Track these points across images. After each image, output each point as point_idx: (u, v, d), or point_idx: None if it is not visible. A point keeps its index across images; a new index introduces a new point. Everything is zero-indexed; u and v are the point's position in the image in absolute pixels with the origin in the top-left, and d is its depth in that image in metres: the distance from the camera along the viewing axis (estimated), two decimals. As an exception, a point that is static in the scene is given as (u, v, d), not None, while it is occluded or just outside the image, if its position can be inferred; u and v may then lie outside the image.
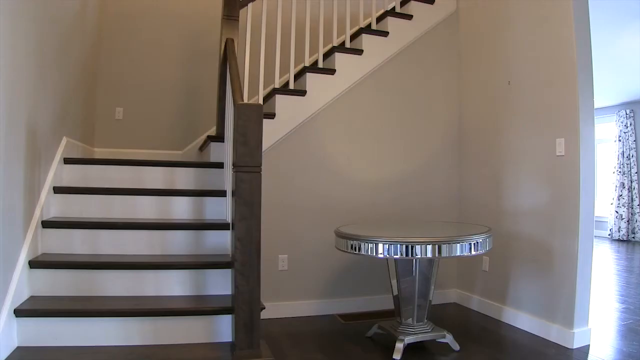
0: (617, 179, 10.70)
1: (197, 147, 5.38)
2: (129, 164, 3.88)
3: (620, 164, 10.63)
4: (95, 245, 3.26)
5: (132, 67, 5.30)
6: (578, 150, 3.68)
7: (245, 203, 2.69)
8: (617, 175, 10.68)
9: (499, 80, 4.59)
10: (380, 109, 4.86)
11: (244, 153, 2.70)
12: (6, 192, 2.61)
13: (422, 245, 3.11)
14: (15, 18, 2.67)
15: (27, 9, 2.87)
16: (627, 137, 10.53)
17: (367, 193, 4.77)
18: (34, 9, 2.99)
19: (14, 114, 2.70)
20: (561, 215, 3.82)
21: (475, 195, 4.86)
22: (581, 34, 3.78)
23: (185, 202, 3.70)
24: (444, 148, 5.11)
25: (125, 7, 5.32)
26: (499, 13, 4.63)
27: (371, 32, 4.83)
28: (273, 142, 4.40)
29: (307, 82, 4.54)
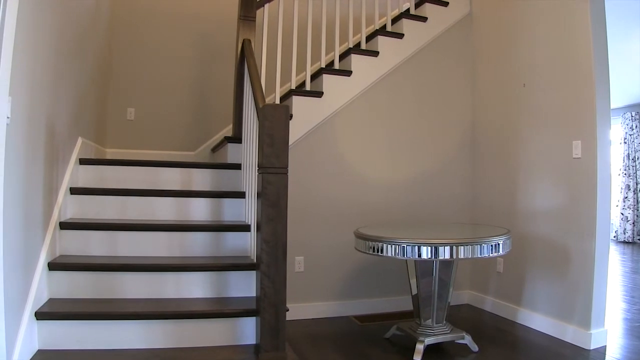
0: (622, 181, 10.68)
1: (209, 147, 5.36)
2: (145, 164, 3.85)
3: (625, 166, 10.61)
4: (113, 246, 3.23)
5: (144, 67, 5.28)
6: (595, 152, 3.67)
7: (272, 205, 2.66)
8: (623, 177, 10.66)
9: (514, 82, 4.57)
10: (395, 110, 4.84)
11: (271, 154, 2.68)
12: (27, 193, 2.59)
13: (444, 246, 3.09)
14: (37, 19, 2.65)
15: (48, 9, 2.85)
16: (633, 139, 10.51)
17: (382, 194, 4.74)
18: (54, 10, 2.97)
19: (34, 115, 2.68)
20: (578, 217, 3.80)
21: (490, 196, 4.84)
22: (598, 36, 3.77)
23: (203, 203, 3.67)
24: (459, 149, 5.09)
25: (137, 7, 5.29)
26: (513, 15, 4.61)
27: (387, 33, 4.82)
28: (289, 143, 4.36)
29: (324, 83, 4.52)
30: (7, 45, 2.12)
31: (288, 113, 2.75)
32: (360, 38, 4.84)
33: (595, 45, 3.75)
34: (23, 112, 2.46)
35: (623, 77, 8.04)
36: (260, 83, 3.44)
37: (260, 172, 2.73)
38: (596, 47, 3.75)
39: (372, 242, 3.28)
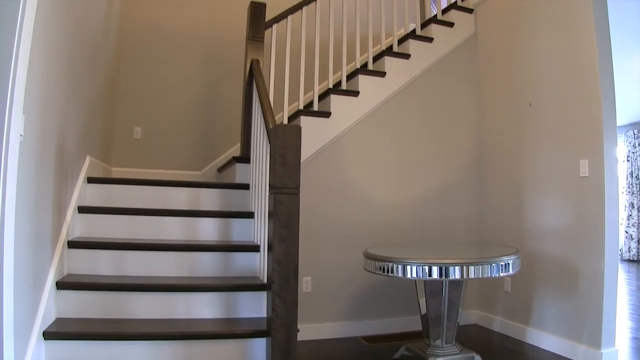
0: (626, 199, 10.66)
1: (215, 167, 5.36)
2: (153, 184, 3.85)
3: (629, 183, 10.60)
4: (121, 266, 3.20)
5: (151, 86, 5.30)
6: (602, 171, 3.67)
7: (284, 225, 2.65)
8: (627, 195, 10.65)
9: (520, 101, 4.59)
10: (402, 130, 4.85)
11: (283, 174, 2.67)
12: (38, 211, 2.58)
13: (454, 266, 3.08)
14: (50, 38, 2.66)
15: (61, 29, 2.86)
16: (636, 157, 10.52)
17: (390, 214, 4.73)
18: (67, 29, 2.98)
19: (46, 133, 2.68)
20: (586, 235, 3.79)
21: (497, 215, 4.83)
22: (603, 54, 3.80)
23: (211, 223, 3.65)
24: (466, 168, 5.09)
25: (145, 27, 5.33)
26: (518, 35, 4.65)
27: (393, 54, 4.85)
28: (297, 163, 4.38)
29: (332, 103, 4.54)
30: (22, 64, 2.12)
31: (300, 133, 2.74)
32: (367, 58, 4.86)
33: (601, 63, 3.78)
34: (35, 129, 2.46)
35: (625, 94, 8.07)
36: (269, 103, 3.45)
37: (271, 193, 2.72)
38: (601, 66, 3.77)
39: (382, 263, 3.26)
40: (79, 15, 3.27)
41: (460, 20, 5.24)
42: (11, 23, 2.08)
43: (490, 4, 5.11)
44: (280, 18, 4.50)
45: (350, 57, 5.61)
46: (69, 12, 3.00)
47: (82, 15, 3.34)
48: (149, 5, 5.40)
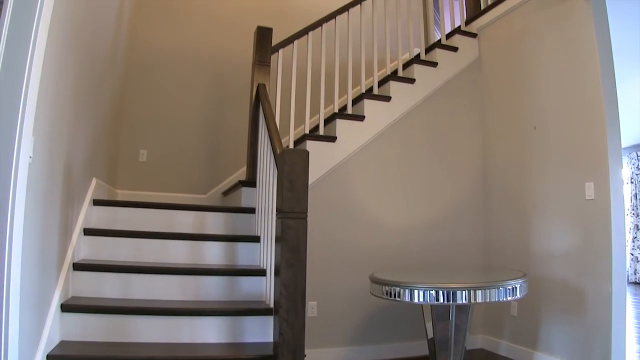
0: (631, 221, 10.60)
1: (220, 191, 5.36)
2: (159, 207, 3.84)
3: (633, 205, 10.55)
4: (126, 289, 3.18)
5: (157, 109, 5.32)
6: (608, 193, 3.66)
7: (292, 249, 2.64)
8: (631, 217, 10.58)
9: (524, 125, 4.61)
10: (408, 154, 4.86)
11: (290, 199, 2.66)
12: (44, 233, 2.57)
13: (461, 291, 3.05)
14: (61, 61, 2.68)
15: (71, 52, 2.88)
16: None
17: (396, 237, 4.71)
18: (77, 52, 3.00)
19: (54, 155, 2.69)
20: (593, 258, 3.77)
21: (502, 238, 4.81)
22: (607, 77, 3.82)
23: (217, 247, 3.64)
24: (471, 192, 5.09)
25: (152, 50, 5.37)
26: (521, 59, 4.69)
27: (398, 79, 4.88)
28: (303, 187, 4.37)
29: (337, 128, 4.55)
30: (33, 87, 2.14)
31: (308, 158, 2.74)
32: (372, 82, 4.89)
33: (604, 86, 3.79)
34: (44, 151, 2.47)
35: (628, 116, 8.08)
36: (276, 128, 3.46)
37: (279, 217, 2.71)
38: (605, 88, 3.79)
39: (389, 287, 3.24)
40: (88, 39, 3.29)
41: (464, 45, 5.28)
42: (24, 48, 2.11)
43: (493, 28, 5.16)
44: (287, 43, 4.54)
45: (356, 82, 5.64)
46: (79, 36, 3.03)
47: (91, 39, 3.36)
48: (156, 29, 5.45)
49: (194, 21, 5.63)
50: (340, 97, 5.43)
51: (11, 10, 2.10)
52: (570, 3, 4.18)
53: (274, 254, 2.96)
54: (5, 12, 2.09)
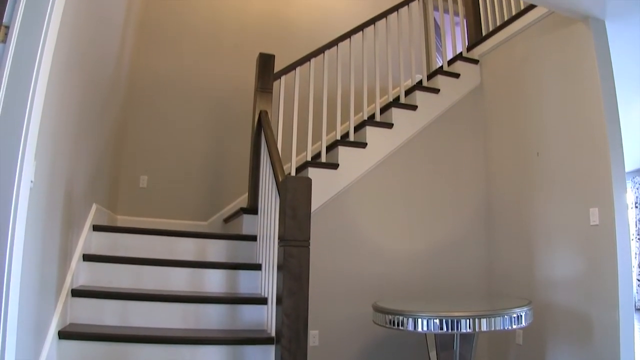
0: (636, 246, 10.49)
1: (222, 218, 5.32)
2: (159, 233, 3.81)
3: (638, 230, 10.46)
4: (125, 316, 3.13)
5: (158, 135, 5.31)
6: (613, 219, 3.65)
7: (294, 278, 2.62)
8: (636, 242, 10.48)
9: (527, 151, 4.62)
10: (410, 181, 4.85)
11: (293, 227, 2.65)
12: (44, 258, 2.54)
13: (465, 319, 3.02)
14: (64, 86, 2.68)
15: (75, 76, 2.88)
16: (645, 202, 10.43)
17: (399, 265, 4.68)
18: (80, 77, 3.01)
19: (55, 180, 2.67)
20: (599, 285, 3.73)
21: (506, 265, 4.77)
22: (608, 101, 3.86)
23: (218, 274, 3.59)
24: (474, 219, 5.07)
25: (154, 76, 5.39)
26: (523, 84, 4.73)
27: (400, 105, 4.90)
28: (305, 215, 4.35)
29: (339, 155, 4.55)
30: (36, 111, 2.14)
31: (310, 185, 2.74)
32: (374, 109, 4.90)
33: (607, 110, 3.82)
34: (45, 176, 2.45)
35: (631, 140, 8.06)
36: (278, 155, 3.45)
37: (281, 245, 2.69)
38: (607, 113, 3.82)
39: (392, 316, 3.21)
40: (92, 65, 3.30)
41: (466, 71, 5.31)
42: (28, 73, 2.10)
43: (494, 54, 5.20)
44: (289, 70, 4.56)
45: (358, 108, 5.66)
46: (82, 62, 3.03)
47: (94, 65, 3.37)
48: (158, 55, 5.47)
49: (196, 48, 5.66)
50: (343, 124, 5.44)
51: (16, 35, 2.11)
52: (570, 28, 4.22)
53: (275, 282, 2.92)
54: (11, 37, 2.10)
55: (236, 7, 5.95)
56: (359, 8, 6.34)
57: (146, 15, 5.47)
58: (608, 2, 3.87)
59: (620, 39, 4.25)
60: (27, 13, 2.15)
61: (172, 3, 5.66)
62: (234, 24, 5.89)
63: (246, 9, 5.99)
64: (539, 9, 4.55)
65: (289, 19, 6.18)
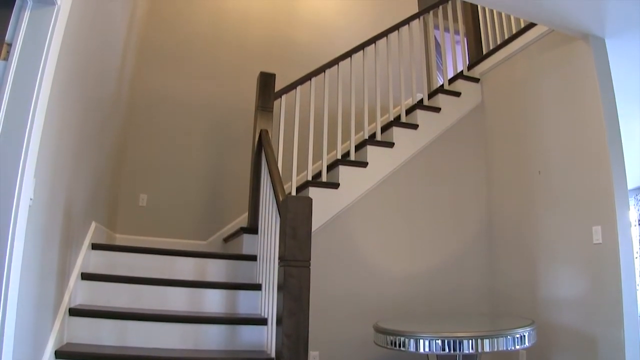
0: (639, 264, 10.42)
1: (221, 237, 5.29)
2: (158, 252, 3.78)
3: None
4: (123, 336, 3.09)
5: (158, 153, 5.30)
6: (616, 237, 3.63)
7: (294, 298, 2.60)
8: (639, 260, 10.41)
9: (528, 169, 4.61)
10: (411, 201, 4.83)
11: (293, 247, 2.65)
12: (42, 277, 2.52)
13: (468, 340, 2.99)
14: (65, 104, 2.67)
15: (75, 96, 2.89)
16: (647, 221, 10.38)
17: (400, 285, 4.64)
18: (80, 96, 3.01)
19: (54, 197, 2.66)
20: (603, 304, 3.70)
21: (509, 285, 4.73)
22: (610, 119, 3.86)
23: (217, 294, 3.55)
24: (476, 238, 5.04)
25: (154, 95, 5.39)
26: (524, 103, 4.74)
27: (401, 124, 4.90)
28: (305, 235, 4.32)
29: (340, 174, 4.53)
30: (36, 129, 2.14)
31: (311, 205, 2.73)
32: (375, 128, 4.90)
33: (608, 126, 3.83)
34: (44, 193, 2.44)
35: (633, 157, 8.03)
36: (279, 174, 3.44)
37: (281, 265, 2.68)
38: (609, 131, 3.83)
39: (393, 337, 3.17)
40: (93, 83, 3.30)
41: (467, 90, 5.33)
42: (29, 90, 2.11)
43: (495, 73, 5.22)
44: (290, 89, 4.56)
45: (359, 127, 5.66)
46: (83, 80, 3.04)
47: (95, 83, 3.37)
48: (158, 74, 5.49)
49: (197, 66, 5.68)
50: (343, 143, 5.44)
51: (18, 52, 2.13)
52: (570, 46, 4.24)
53: (275, 302, 2.90)
54: (13, 55, 2.11)
55: (237, 26, 5.98)
56: (360, 27, 6.37)
57: (147, 34, 5.50)
58: (607, 20, 3.90)
59: (620, 56, 4.27)
60: (29, 31, 2.17)
61: (172, 22, 5.69)
62: (235, 42, 5.91)
63: (247, 28, 6.02)
64: (539, 27, 4.58)
65: (290, 38, 6.21)
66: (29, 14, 2.19)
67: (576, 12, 3.83)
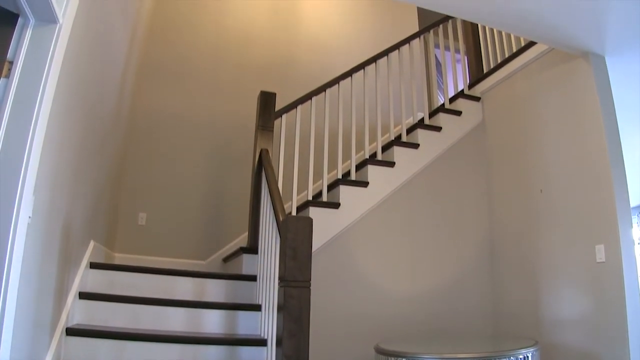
0: (644, 282, 10.33)
1: (221, 257, 5.25)
2: (157, 272, 3.74)
3: (646, 267, 10.31)
4: (121, 357, 3.05)
5: (158, 172, 5.29)
6: (620, 255, 3.60)
7: (294, 319, 2.56)
8: (645, 278, 10.32)
9: (530, 188, 4.59)
10: (413, 220, 4.81)
11: (294, 267, 2.62)
12: (39, 296, 2.49)
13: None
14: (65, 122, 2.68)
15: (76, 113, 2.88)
16: (651, 239, 10.32)
17: (402, 305, 4.59)
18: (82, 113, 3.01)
19: (52, 216, 2.64)
20: (607, 323, 3.65)
21: (512, 304, 4.68)
22: (611, 137, 3.86)
23: (217, 315, 3.52)
24: (478, 257, 5.00)
25: (154, 114, 5.40)
26: (525, 121, 4.74)
27: (402, 144, 4.90)
28: (305, 255, 4.29)
29: (341, 194, 4.51)
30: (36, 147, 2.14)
31: (311, 226, 2.71)
32: (376, 147, 4.90)
33: (609, 144, 3.83)
34: (43, 211, 2.43)
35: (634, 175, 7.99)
36: (279, 194, 3.42)
37: (281, 285, 2.65)
38: (610, 147, 3.82)
39: (394, 358, 3.16)
40: (93, 101, 3.30)
41: (468, 109, 5.34)
42: (29, 108, 2.12)
43: (496, 91, 5.23)
44: (290, 108, 4.56)
45: (359, 147, 5.66)
46: (84, 98, 3.04)
47: (95, 101, 3.37)
48: (158, 92, 5.50)
49: (197, 85, 5.69)
50: (344, 163, 5.43)
51: (20, 70, 2.14)
52: (570, 64, 4.26)
53: (275, 323, 2.86)
54: (14, 73, 2.12)
55: (238, 45, 6.01)
56: (360, 46, 6.39)
57: (147, 53, 5.51)
58: (607, 38, 3.92)
59: (621, 74, 4.29)
60: (31, 48, 2.19)
61: (173, 41, 5.72)
62: (235, 61, 5.94)
63: (247, 47, 6.05)
64: (539, 45, 4.60)
65: (290, 57, 6.23)
66: (31, 32, 2.21)
67: (576, 31, 3.85)
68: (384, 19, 6.86)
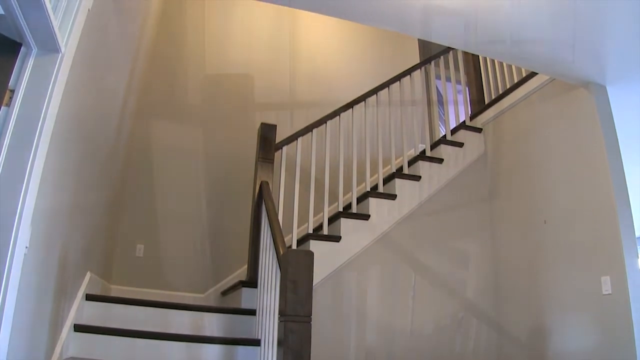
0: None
1: (219, 290, 5.17)
2: (154, 305, 3.69)
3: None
4: (116, 394, 2.99)
5: (156, 204, 5.25)
6: (626, 287, 3.55)
7: (295, 355, 2.52)
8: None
9: (534, 219, 4.57)
10: (414, 253, 4.77)
11: (294, 301, 2.58)
12: (34, 328, 2.46)
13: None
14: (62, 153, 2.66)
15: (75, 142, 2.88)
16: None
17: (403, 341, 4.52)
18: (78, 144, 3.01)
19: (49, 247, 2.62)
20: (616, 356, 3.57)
21: (517, 338, 4.61)
22: (615, 170, 3.86)
23: (215, 350, 3.44)
24: (482, 291, 4.95)
25: (152, 144, 5.39)
26: (527, 152, 4.76)
27: (404, 176, 4.90)
28: (305, 289, 4.24)
29: (342, 227, 4.49)
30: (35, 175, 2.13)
31: (312, 259, 2.69)
32: (377, 179, 4.89)
33: (613, 175, 3.83)
34: (40, 242, 2.40)
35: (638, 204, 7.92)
36: (279, 227, 3.39)
37: (281, 320, 2.61)
38: (614, 178, 3.82)
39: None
40: (92, 131, 3.30)
41: (470, 140, 5.34)
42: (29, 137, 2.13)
43: (498, 122, 5.25)
44: (290, 140, 4.56)
45: (361, 179, 5.63)
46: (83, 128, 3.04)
47: (94, 131, 3.37)
48: (157, 123, 5.50)
49: (197, 116, 5.69)
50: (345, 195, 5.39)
51: (21, 99, 2.15)
52: (572, 94, 4.28)
53: (275, 358, 2.80)
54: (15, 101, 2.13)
55: (237, 77, 6.03)
56: (361, 77, 6.38)
57: (147, 82, 5.50)
58: (608, 68, 3.94)
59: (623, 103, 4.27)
60: (33, 77, 2.20)
61: (173, 71, 5.74)
62: (235, 93, 5.95)
63: (247, 77, 6.06)
64: (540, 76, 4.62)
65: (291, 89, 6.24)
66: (33, 61, 2.22)
67: (577, 61, 3.87)
68: (384, 50, 6.89)
